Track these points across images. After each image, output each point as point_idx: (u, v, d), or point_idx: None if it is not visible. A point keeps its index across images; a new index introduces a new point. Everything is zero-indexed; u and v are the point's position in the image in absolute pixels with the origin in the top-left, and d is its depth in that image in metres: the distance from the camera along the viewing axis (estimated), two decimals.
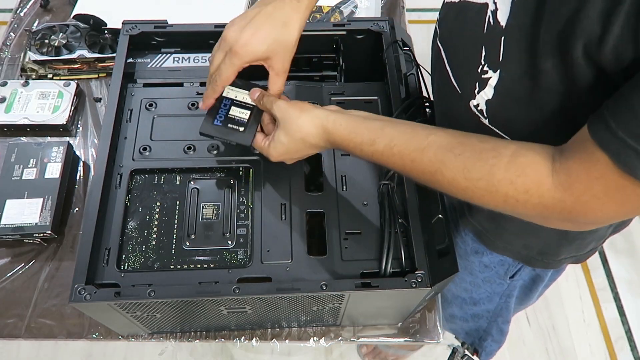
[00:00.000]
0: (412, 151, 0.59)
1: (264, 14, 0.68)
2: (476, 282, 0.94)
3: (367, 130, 0.63)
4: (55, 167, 0.90)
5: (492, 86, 0.62)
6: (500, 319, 1.01)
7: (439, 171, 0.57)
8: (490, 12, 0.60)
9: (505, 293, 0.95)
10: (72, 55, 1.05)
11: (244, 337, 0.82)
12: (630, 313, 1.82)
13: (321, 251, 0.71)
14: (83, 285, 0.63)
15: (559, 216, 0.51)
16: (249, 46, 0.67)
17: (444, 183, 0.57)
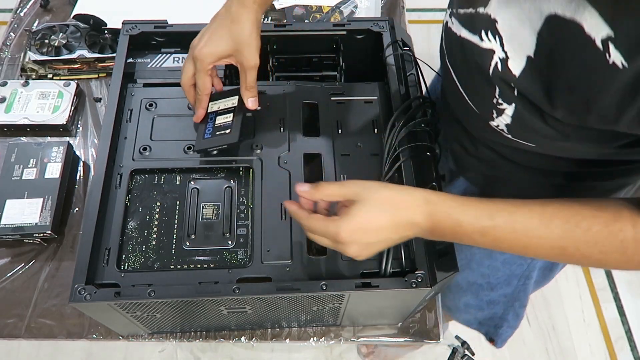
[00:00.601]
0: (536, 228, 0.57)
1: (217, 18, 0.74)
2: (495, 266, 0.94)
3: (480, 203, 0.58)
4: (55, 167, 0.90)
5: (509, 115, 0.64)
6: (518, 302, 1.01)
7: (572, 246, 0.56)
8: (498, 59, 0.59)
9: (524, 275, 0.96)
10: (72, 55, 1.05)
11: (244, 337, 0.82)
12: (630, 313, 1.82)
13: (321, 251, 0.71)
14: (83, 285, 0.63)
15: None
16: (205, 48, 0.72)
17: (577, 256, 0.57)
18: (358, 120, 0.83)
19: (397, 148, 0.75)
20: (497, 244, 0.58)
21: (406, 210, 0.58)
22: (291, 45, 0.87)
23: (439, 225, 0.58)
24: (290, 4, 1.17)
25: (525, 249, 0.58)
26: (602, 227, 0.55)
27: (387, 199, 0.59)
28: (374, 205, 0.58)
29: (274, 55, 0.87)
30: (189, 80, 0.76)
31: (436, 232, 0.59)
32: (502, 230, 0.57)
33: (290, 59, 0.88)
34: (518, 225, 0.57)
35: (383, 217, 0.58)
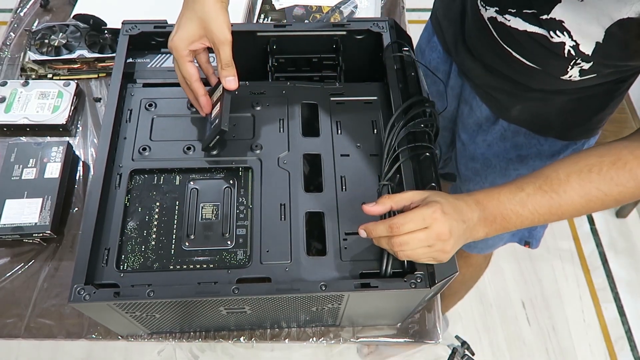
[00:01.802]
0: (558, 185, 0.66)
1: (183, 4, 0.74)
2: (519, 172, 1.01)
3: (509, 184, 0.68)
4: (55, 167, 0.90)
5: (585, 69, 0.75)
6: None
7: (595, 189, 0.66)
8: (570, 47, 0.71)
9: None
10: (72, 55, 1.05)
11: (243, 337, 0.82)
12: (630, 313, 1.82)
13: (320, 251, 0.71)
14: (82, 286, 0.62)
15: None
16: (176, 36, 0.73)
17: (600, 196, 0.66)
18: (358, 120, 0.82)
19: (397, 148, 0.74)
20: (537, 211, 0.67)
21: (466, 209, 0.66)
22: (291, 45, 0.87)
23: (488, 207, 0.66)
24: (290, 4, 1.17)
25: (560, 207, 0.67)
26: (610, 165, 0.65)
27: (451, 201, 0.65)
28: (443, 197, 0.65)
29: (273, 55, 0.87)
30: (180, 78, 0.76)
31: (487, 215, 0.66)
32: (535, 195, 0.67)
33: (290, 59, 0.88)
34: (545, 187, 0.67)
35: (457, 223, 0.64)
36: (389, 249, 0.64)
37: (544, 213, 0.67)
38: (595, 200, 0.67)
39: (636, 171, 0.65)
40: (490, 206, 0.67)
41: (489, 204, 0.67)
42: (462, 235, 0.64)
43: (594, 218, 2.00)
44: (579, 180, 0.66)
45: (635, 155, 0.65)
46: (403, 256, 0.63)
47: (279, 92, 0.84)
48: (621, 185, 0.65)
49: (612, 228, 1.99)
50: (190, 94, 0.78)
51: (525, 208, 0.66)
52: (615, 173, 0.65)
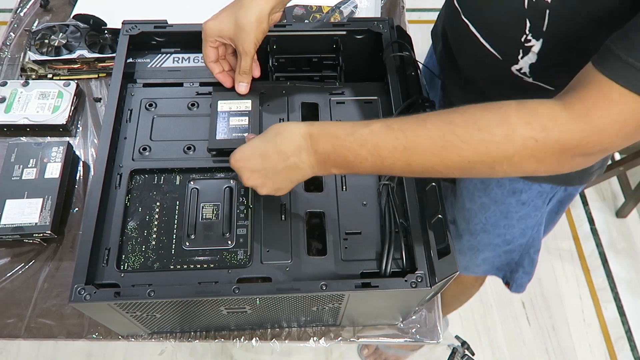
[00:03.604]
0: (412, 124, 0.57)
1: (232, 2, 0.76)
2: (511, 224, 0.97)
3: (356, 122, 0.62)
4: (55, 167, 0.90)
5: (535, 52, 0.69)
6: (532, 249, 1.04)
7: (450, 131, 0.55)
8: None
9: (537, 223, 0.99)
10: (72, 55, 1.05)
11: (243, 337, 0.82)
12: (630, 313, 1.82)
13: (321, 251, 0.71)
14: (83, 286, 0.62)
15: (576, 150, 0.53)
16: (210, 22, 0.76)
17: (456, 142, 0.55)
18: (358, 120, 0.82)
19: None
20: (377, 153, 0.58)
21: (287, 135, 0.62)
22: (291, 45, 0.87)
23: (319, 143, 0.61)
24: (290, 4, 1.17)
25: (406, 151, 0.57)
26: (479, 107, 0.55)
27: (272, 128, 0.64)
28: (261, 135, 0.65)
29: (273, 55, 0.87)
30: (207, 57, 0.79)
31: (319, 152, 0.61)
32: (379, 134, 0.58)
33: (290, 59, 0.88)
34: (394, 125, 0.58)
35: (261, 143, 0.64)
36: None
37: (386, 156, 0.57)
38: (449, 148, 0.55)
39: (508, 114, 0.53)
40: (322, 141, 0.61)
41: (321, 139, 0.61)
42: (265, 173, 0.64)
43: (594, 218, 2.01)
44: (437, 120, 0.56)
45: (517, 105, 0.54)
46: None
47: (279, 92, 0.84)
48: (485, 129, 0.53)
49: (612, 228, 1.99)
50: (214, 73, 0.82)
51: (364, 147, 0.58)
52: (481, 114, 0.54)
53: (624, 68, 0.50)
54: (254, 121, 0.80)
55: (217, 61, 0.81)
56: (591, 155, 0.54)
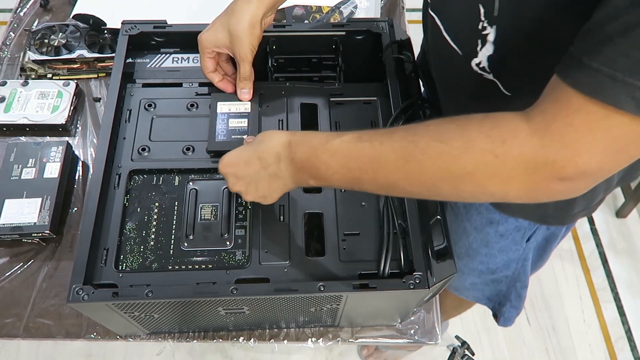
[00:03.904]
0: (381, 135, 0.56)
1: (225, 9, 0.77)
2: (492, 253, 0.96)
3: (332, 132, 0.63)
4: (54, 167, 0.90)
5: (491, 42, 0.63)
6: (519, 284, 1.02)
7: (412, 143, 0.53)
8: None
9: (521, 258, 0.97)
10: (72, 55, 1.05)
11: (242, 338, 0.82)
12: (630, 313, 1.82)
13: (319, 252, 0.71)
14: (81, 286, 0.62)
15: (545, 171, 0.47)
16: (204, 34, 0.77)
17: (417, 155, 0.52)
18: (357, 120, 0.82)
19: None
20: (346, 164, 0.57)
21: (269, 142, 0.63)
22: (290, 45, 0.87)
23: (296, 152, 0.60)
24: (290, 4, 1.17)
25: (372, 163, 0.55)
26: (446, 119, 0.53)
27: (259, 135, 0.65)
28: (247, 143, 0.67)
29: (273, 55, 0.87)
30: (205, 68, 0.81)
31: (296, 161, 0.61)
32: (348, 144, 0.57)
33: (290, 59, 0.88)
34: (365, 137, 0.57)
35: (247, 149, 0.65)
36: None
37: (355, 168, 0.56)
38: (411, 161, 0.53)
39: (469, 126, 0.50)
40: (299, 151, 0.60)
41: (299, 149, 0.60)
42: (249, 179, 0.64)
43: (594, 218, 2.00)
44: (403, 132, 0.54)
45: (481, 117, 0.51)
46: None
47: (278, 92, 0.84)
48: (444, 142, 0.51)
49: (612, 228, 1.99)
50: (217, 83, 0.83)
51: (334, 158, 0.57)
52: (444, 126, 0.52)
53: (587, 74, 0.44)
54: (253, 122, 0.80)
55: (216, 70, 0.82)
56: (569, 181, 0.48)
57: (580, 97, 0.44)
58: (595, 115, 0.44)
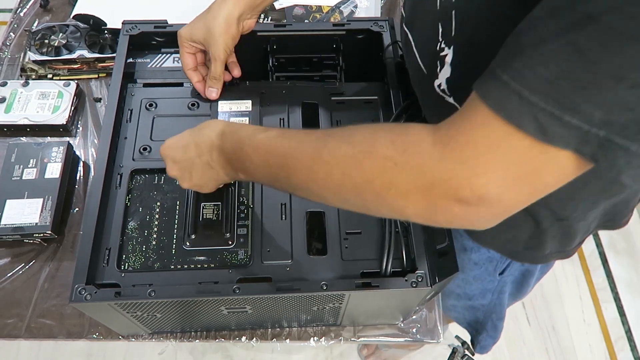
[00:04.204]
0: (303, 134, 0.55)
1: (206, 8, 0.77)
2: (467, 279, 0.95)
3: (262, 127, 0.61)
4: (55, 167, 0.90)
5: (448, 63, 0.60)
6: (494, 315, 1.01)
7: (323, 143, 0.51)
8: None
9: (496, 289, 0.95)
10: (72, 56, 1.05)
11: (244, 337, 0.82)
12: (630, 313, 1.82)
13: (321, 251, 0.71)
14: (83, 286, 0.63)
15: (443, 189, 0.43)
16: (183, 30, 0.78)
17: (325, 156, 0.50)
18: (358, 120, 0.83)
19: None
20: (266, 160, 0.55)
21: (206, 130, 0.63)
22: (291, 45, 0.87)
23: (226, 143, 0.60)
24: (290, 4, 1.17)
25: (287, 160, 0.53)
26: (363, 124, 0.50)
27: (200, 124, 0.65)
28: (189, 129, 0.66)
29: (274, 55, 0.87)
30: (185, 65, 0.81)
31: (225, 153, 0.60)
32: (272, 140, 0.55)
33: (290, 59, 0.88)
34: (288, 133, 0.56)
35: (188, 135, 0.65)
36: None
37: (272, 164, 0.55)
38: (319, 162, 0.50)
39: (377, 131, 0.48)
40: (228, 142, 0.60)
41: (228, 139, 0.60)
42: (184, 164, 0.64)
43: None
44: (321, 132, 0.53)
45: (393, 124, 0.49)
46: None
47: (279, 91, 0.84)
48: (352, 144, 0.48)
49: None
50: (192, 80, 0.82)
51: (257, 153, 0.56)
52: (357, 130, 0.50)
53: (497, 86, 0.40)
54: (254, 121, 0.80)
55: (196, 69, 0.81)
56: (467, 205, 0.43)
57: (487, 111, 0.40)
58: (497, 133, 0.40)
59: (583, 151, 0.38)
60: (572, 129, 0.37)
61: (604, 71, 0.35)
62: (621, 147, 0.37)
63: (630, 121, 0.36)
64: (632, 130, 0.36)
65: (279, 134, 0.56)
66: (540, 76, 0.37)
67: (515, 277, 0.94)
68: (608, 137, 0.37)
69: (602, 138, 0.37)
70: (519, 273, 0.92)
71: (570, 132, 0.37)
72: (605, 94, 0.36)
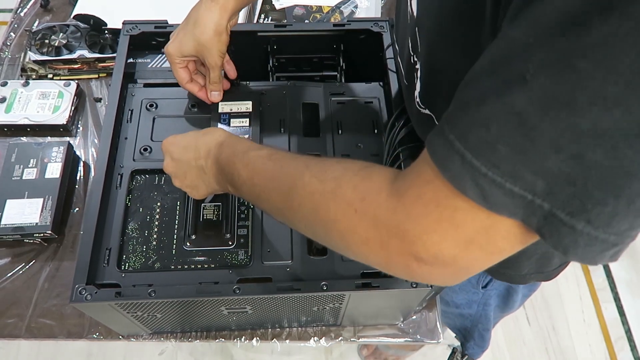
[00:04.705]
0: (289, 158, 0.55)
1: (186, 18, 0.75)
2: (454, 289, 0.95)
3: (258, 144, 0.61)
4: (56, 167, 0.90)
5: (419, 77, 0.60)
6: (481, 325, 1.01)
7: (300, 174, 0.50)
8: (409, 2, 0.58)
9: (481, 302, 0.96)
10: (72, 56, 1.05)
11: (244, 337, 0.82)
12: (630, 313, 1.82)
13: (321, 251, 0.71)
14: (84, 286, 0.63)
15: (398, 243, 0.42)
16: (170, 46, 0.76)
17: (299, 186, 0.50)
18: (358, 120, 0.83)
19: (397, 148, 0.75)
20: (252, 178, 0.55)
21: (208, 136, 0.63)
22: (291, 45, 0.87)
23: (222, 153, 0.60)
24: (290, 4, 1.17)
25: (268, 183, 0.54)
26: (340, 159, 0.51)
27: (206, 129, 0.66)
28: (195, 131, 0.67)
29: (274, 55, 0.87)
30: (180, 80, 0.79)
31: (219, 163, 0.60)
32: (260, 159, 0.55)
33: (291, 59, 0.88)
34: (275, 155, 0.55)
35: (191, 136, 0.65)
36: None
37: (257, 184, 0.54)
38: (293, 191, 0.50)
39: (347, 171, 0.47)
40: (224, 153, 0.60)
41: (225, 150, 0.60)
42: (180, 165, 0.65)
43: None
44: (304, 161, 0.52)
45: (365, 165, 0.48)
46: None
47: (279, 92, 0.84)
48: (322, 180, 0.48)
49: None
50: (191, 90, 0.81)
51: (246, 169, 0.56)
52: (330, 164, 0.49)
53: (442, 144, 0.37)
54: (255, 122, 0.80)
55: (192, 80, 0.80)
56: (425, 264, 0.41)
57: (434, 168, 0.38)
58: (444, 192, 0.38)
59: (529, 222, 0.36)
60: (515, 198, 0.35)
61: (542, 139, 0.32)
62: (565, 224, 0.34)
63: (572, 197, 0.33)
64: (576, 207, 0.33)
65: (268, 155, 0.55)
66: (482, 139, 0.35)
67: (500, 292, 0.94)
68: (552, 211, 0.34)
69: (546, 211, 0.34)
70: (504, 288, 0.92)
71: (513, 201, 0.35)
72: (546, 163, 0.33)
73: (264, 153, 0.56)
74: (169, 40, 0.86)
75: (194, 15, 0.73)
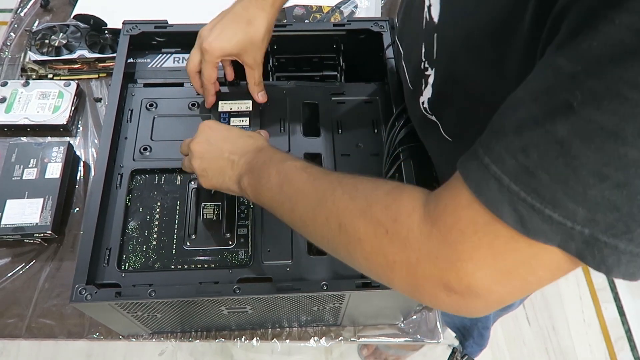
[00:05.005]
0: (322, 173, 0.55)
1: (232, 14, 0.74)
2: None
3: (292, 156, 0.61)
4: (56, 167, 0.90)
5: (430, 84, 0.60)
6: (480, 323, 1.01)
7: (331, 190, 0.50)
8: (426, 7, 0.58)
9: None
10: (73, 56, 1.05)
11: (244, 337, 0.82)
12: (630, 313, 1.82)
13: (322, 251, 0.71)
14: (84, 285, 0.62)
15: (429, 269, 0.40)
16: (216, 42, 0.72)
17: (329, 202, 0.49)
18: (358, 120, 0.83)
19: (397, 148, 0.75)
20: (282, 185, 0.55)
21: (251, 139, 0.65)
22: (291, 45, 0.87)
23: (259, 157, 0.61)
24: (290, 4, 1.17)
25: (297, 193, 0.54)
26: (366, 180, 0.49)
27: (252, 132, 0.67)
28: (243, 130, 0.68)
29: (274, 55, 0.87)
30: (194, 67, 0.77)
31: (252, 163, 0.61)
32: (293, 169, 0.56)
33: (291, 59, 0.89)
34: (310, 169, 0.55)
35: (234, 131, 0.66)
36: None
37: (285, 192, 0.55)
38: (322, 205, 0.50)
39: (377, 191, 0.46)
40: (261, 156, 0.61)
41: (262, 155, 0.61)
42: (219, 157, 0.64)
43: None
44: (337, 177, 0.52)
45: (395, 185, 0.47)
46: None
47: (279, 91, 0.84)
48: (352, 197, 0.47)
49: None
50: (196, 85, 0.80)
51: (278, 175, 0.56)
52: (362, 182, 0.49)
53: (478, 168, 0.37)
54: (255, 121, 0.80)
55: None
56: (455, 294, 0.40)
57: (469, 193, 0.38)
58: (482, 219, 0.37)
59: (567, 248, 0.35)
60: (554, 225, 0.34)
61: (585, 168, 0.32)
62: (608, 245, 0.34)
63: (617, 220, 0.33)
64: (620, 229, 0.33)
65: (303, 167, 0.56)
66: (521, 164, 0.34)
67: None
68: (594, 235, 0.34)
69: (587, 236, 0.34)
70: None
71: (551, 228, 0.34)
72: (588, 191, 0.33)
73: (300, 164, 0.56)
74: (168, 40, 0.86)
75: (244, 13, 0.73)
